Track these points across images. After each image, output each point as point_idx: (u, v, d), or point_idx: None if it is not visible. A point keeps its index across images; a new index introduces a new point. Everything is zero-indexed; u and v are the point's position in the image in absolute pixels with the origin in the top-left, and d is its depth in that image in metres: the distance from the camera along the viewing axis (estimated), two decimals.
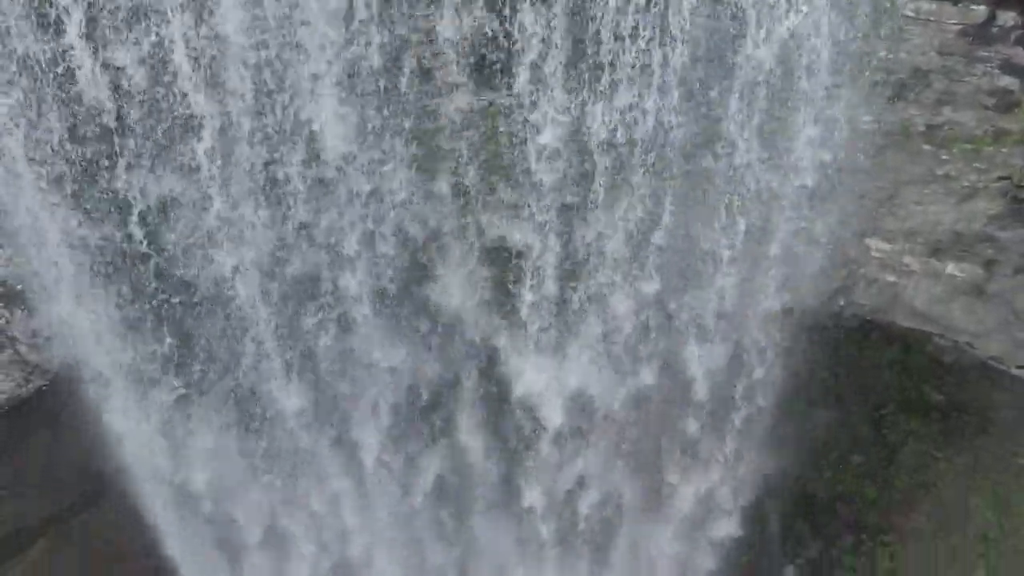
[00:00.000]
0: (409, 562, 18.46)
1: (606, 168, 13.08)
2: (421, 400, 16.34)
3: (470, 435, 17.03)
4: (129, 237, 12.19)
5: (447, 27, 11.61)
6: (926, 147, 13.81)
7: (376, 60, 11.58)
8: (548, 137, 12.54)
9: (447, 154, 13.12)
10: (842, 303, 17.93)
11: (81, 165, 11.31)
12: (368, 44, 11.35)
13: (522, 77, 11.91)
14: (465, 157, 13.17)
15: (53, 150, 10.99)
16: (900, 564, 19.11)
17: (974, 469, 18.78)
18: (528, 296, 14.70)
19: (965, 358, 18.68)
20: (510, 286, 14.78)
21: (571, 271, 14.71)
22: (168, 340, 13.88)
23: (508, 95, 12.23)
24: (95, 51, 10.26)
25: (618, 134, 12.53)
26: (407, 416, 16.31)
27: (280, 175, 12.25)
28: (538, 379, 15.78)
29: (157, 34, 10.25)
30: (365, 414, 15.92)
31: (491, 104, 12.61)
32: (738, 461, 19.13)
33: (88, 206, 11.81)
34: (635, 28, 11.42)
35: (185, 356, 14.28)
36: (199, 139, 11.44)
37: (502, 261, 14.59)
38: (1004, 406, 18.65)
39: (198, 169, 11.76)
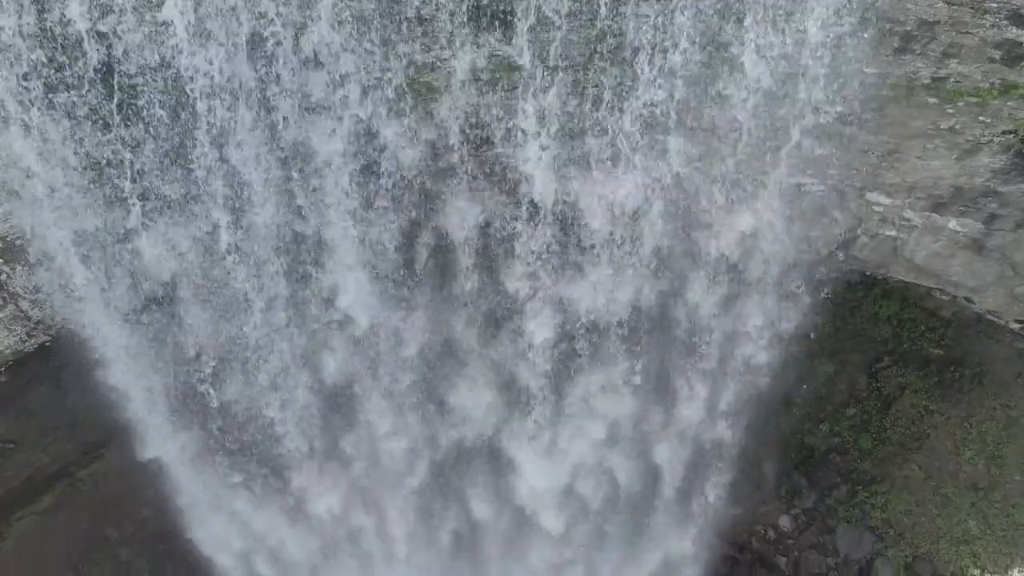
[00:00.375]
0: None
1: None
2: None
3: None
4: None
5: None
6: (931, 100, 13.61)
7: None
8: None
9: None
10: (842, 257, 17.91)
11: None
12: None
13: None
14: None
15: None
16: (892, 513, 19.50)
17: (967, 421, 19.05)
18: None
19: (963, 312, 18.82)
20: None
21: None
22: None
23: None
24: None
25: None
26: None
27: None
28: None
29: None
30: None
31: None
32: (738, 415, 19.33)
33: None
34: None
35: None
36: None
37: None
38: (999, 359, 18.85)
39: None
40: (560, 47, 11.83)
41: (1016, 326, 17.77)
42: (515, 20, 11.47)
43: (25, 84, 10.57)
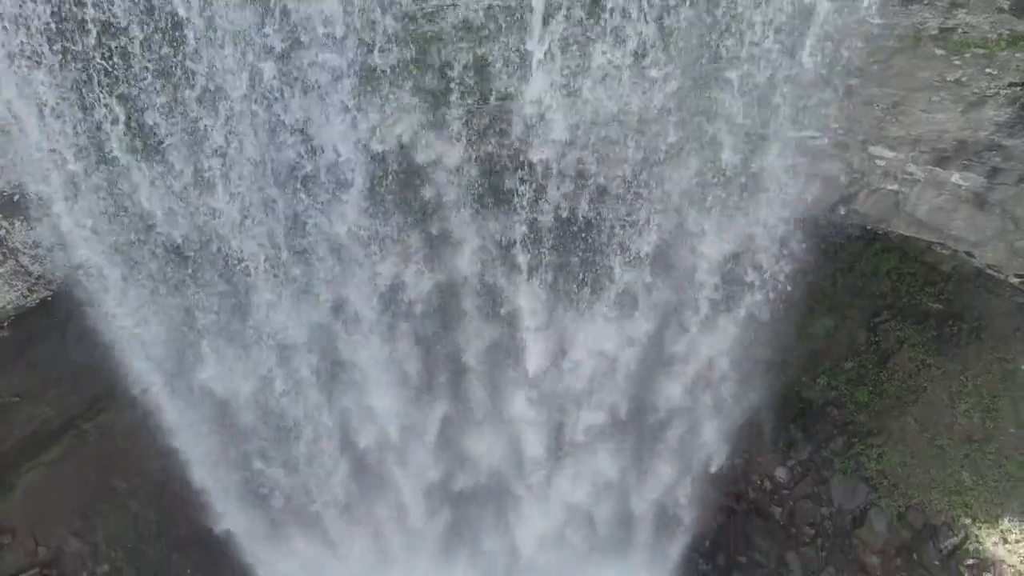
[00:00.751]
0: None
1: None
2: None
3: None
4: None
5: None
6: (938, 52, 13.39)
7: None
8: None
9: None
10: (843, 212, 17.86)
11: None
12: None
13: None
14: None
15: None
16: (887, 465, 19.76)
17: (964, 375, 19.20)
18: None
19: (963, 267, 18.83)
20: None
21: None
22: None
23: None
24: None
25: None
26: None
27: None
28: None
29: None
30: None
31: None
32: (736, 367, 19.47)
33: None
34: None
35: None
36: None
37: None
38: (998, 314, 18.91)
39: None
40: None
41: (1016, 280, 17.80)
42: None
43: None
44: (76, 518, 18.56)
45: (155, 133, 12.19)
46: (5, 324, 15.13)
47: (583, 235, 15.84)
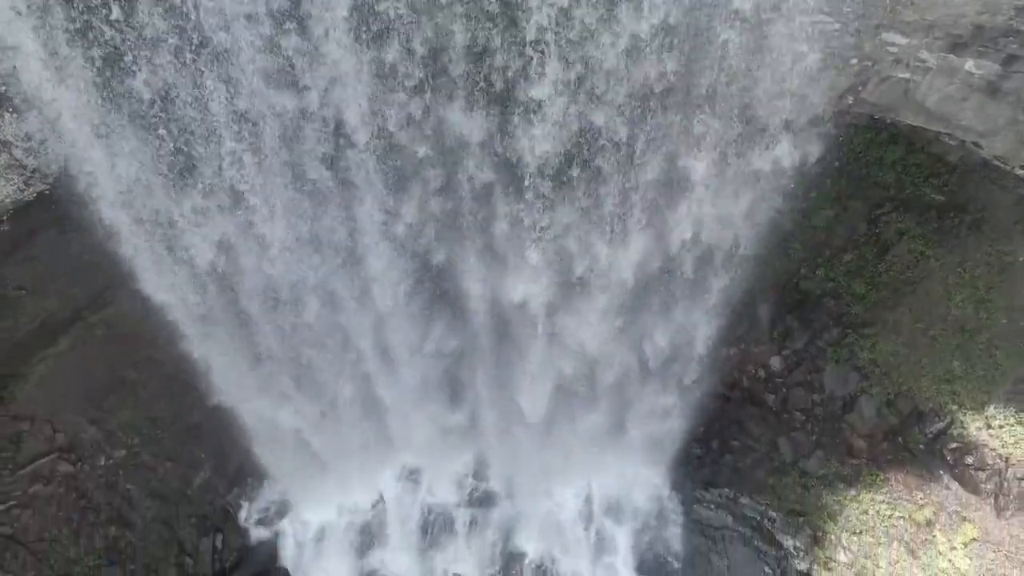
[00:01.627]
0: None
1: None
2: None
3: None
4: None
5: None
6: None
7: None
8: None
9: None
10: (851, 101, 17.45)
11: None
12: None
13: None
14: None
15: None
16: (880, 354, 20.19)
17: (961, 266, 19.30)
18: None
19: (969, 157, 18.57)
20: None
21: None
22: None
23: None
24: None
25: None
26: None
27: None
28: None
29: None
30: None
31: None
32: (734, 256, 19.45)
33: None
34: None
35: None
36: None
37: None
38: (1000, 206, 18.81)
39: None
40: None
41: (1022, 172, 17.59)
42: None
43: None
44: (91, 406, 19.14)
45: None
46: (4, 218, 15.11)
47: None
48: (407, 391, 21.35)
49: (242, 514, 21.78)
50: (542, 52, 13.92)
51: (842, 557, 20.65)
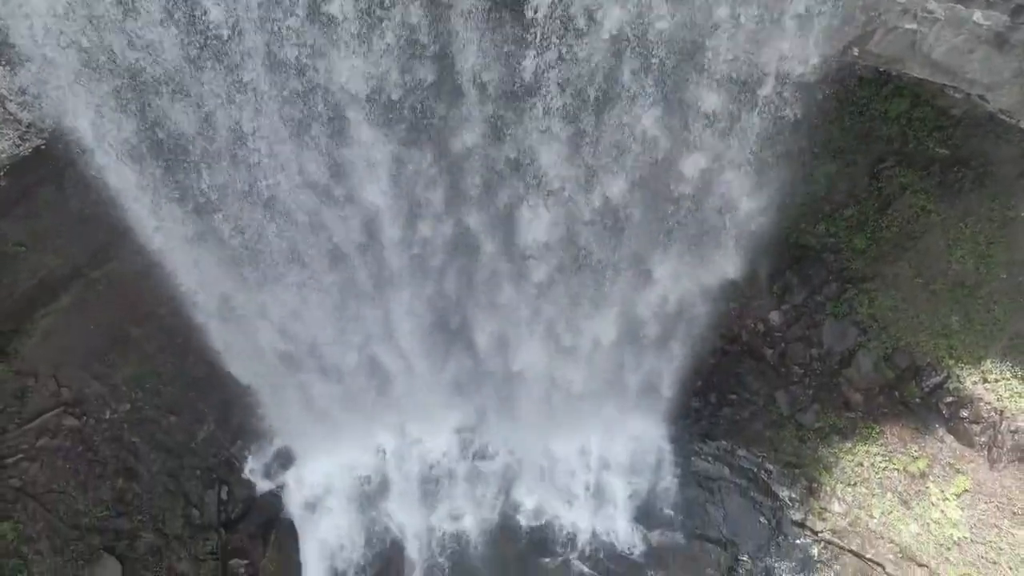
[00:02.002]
0: None
1: None
2: None
3: None
4: None
5: None
6: None
7: None
8: None
9: None
10: (856, 52, 17.17)
11: None
12: None
13: None
14: None
15: None
16: (879, 309, 20.28)
17: (963, 221, 19.27)
18: None
19: (974, 111, 18.38)
20: None
21: None
22: None
23: None
24: None
25: None
26: None
27: None
28: None
29: None
30: None
31: None
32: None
33: None
34: None
35: None
36: None
37: None
38: (1005, 160, 18.69)
39: None
40: None
41: None
42: None
43: None
44: (94, 362, 19.30)
45: None
46: (1, 173, 15.02)
47: None
48: (409, 346, 21.48)
49: (246, 467, 22.13)
50: None
51: (836, 507, 21.06)
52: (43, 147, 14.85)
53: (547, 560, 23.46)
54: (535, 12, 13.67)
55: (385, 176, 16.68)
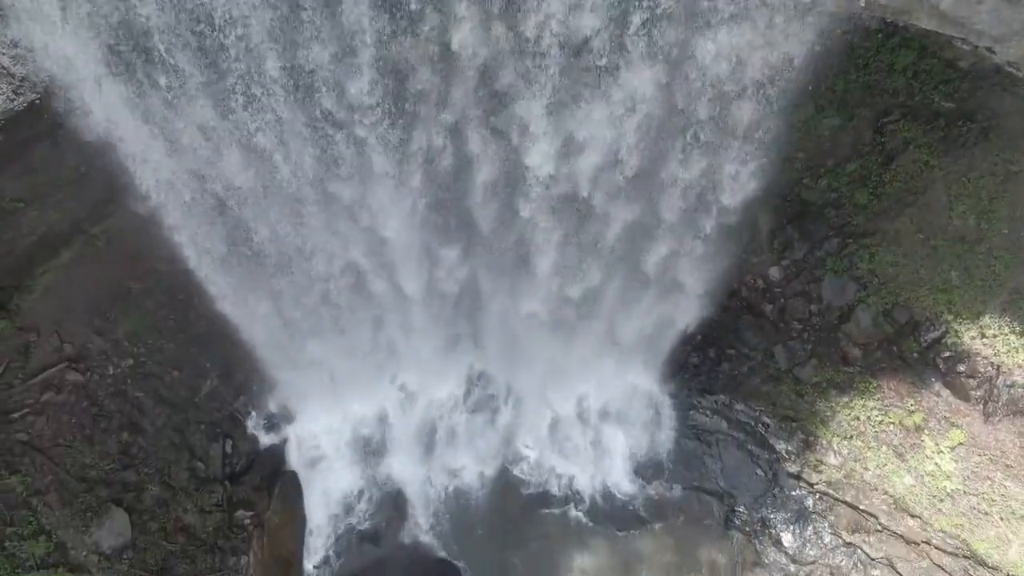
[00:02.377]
0: None
1: None
2: None
3: None
4: None
5: None
6: None
7: None
8: None
9: None
10: (862, 3, 16.83)
11: None
12: None
13: None
14: None
15: None
16: (879, 264, 20.27)
17: (966, 176, 19.15)
18: None
19: (982, 63, 18.12)
20: None
21: None
22: None
23: None
24: None
25: None
26: None
27: None
28: None
29: None
30: None
31: None
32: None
33: None
34: None
35: None
36: None
37: None
38: (1011, 113, 18.50)
39: None
40: None
41: None
42: None
43: None
44: (96, 317, 19.37)
45: None
46: None
47: None
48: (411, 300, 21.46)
49: (249, 422, 22.41)
50: None
51: (832, 460, 21.38)
52: (38, 102, 14.66)
53: (547, 511, 23.92)
54: None
55: None
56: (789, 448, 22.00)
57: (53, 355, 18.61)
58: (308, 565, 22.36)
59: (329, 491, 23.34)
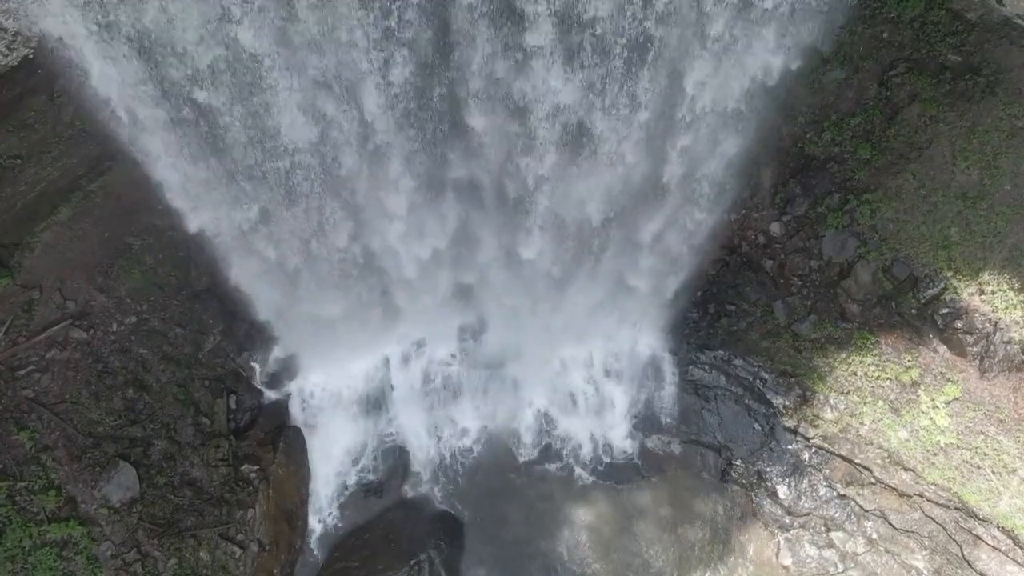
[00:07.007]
0: None
1: None
2: None
3: None
4: None
5: None
6: None
7: None
8: None
9: None
10: None
11: None
12: None
13: None
14: None
15: None
16: (880, 220, 20.24)
17: (971, 130, 18.99)
18: None
19: (990, 15, 17.87)
20: None
21: None
22: None
23: None
24: None
25: None
26: None
27: None
28: None
29: None
30: None
31: None
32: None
33: None
34: None
35: None
36: None
37: None
38: (1018, 68, 18.33)
39: None
40: None
41: None
42: None
43: None
44: (98, 274, 19.40)
45: None
46: None
47: None
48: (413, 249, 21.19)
49: (253, 377, 22.61)
50: None
51: (828, 415, 21.65)
52: (31, 56, 14.43)
53: (547, 466, 24.30)
54: None
55: None
56: (786, 403, 22.26)
57: (56, 312, 18.70)
58: (313, 518, 22.79)
59: (333, 445, 23.65)
